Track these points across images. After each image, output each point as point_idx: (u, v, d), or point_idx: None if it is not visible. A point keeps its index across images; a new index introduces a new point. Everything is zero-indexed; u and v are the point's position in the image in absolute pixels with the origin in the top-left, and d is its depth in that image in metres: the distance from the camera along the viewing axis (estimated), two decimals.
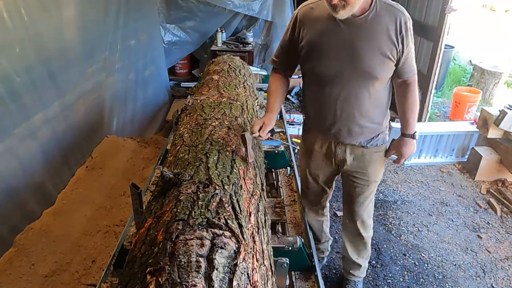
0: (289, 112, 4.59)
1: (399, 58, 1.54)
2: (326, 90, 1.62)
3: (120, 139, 3.16)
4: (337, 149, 1.76)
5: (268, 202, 1.91)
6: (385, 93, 1.66)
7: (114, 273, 1.49)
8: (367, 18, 1.48)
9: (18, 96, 2.12)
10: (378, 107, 1.66)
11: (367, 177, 1.81)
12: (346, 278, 2.25)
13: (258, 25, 5.37)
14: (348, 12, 1.41)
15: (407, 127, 1.74)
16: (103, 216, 2.31)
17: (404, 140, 1.76)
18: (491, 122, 3.32)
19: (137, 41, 3.74)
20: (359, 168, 1.79)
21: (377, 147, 1.75)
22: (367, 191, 1.87)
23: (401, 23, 1.48)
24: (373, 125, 1.68)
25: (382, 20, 1.48)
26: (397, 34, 1.49)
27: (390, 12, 1.49)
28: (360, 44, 1.50)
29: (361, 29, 1.49)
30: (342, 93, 1.59)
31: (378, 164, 1.81)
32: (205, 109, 1.81)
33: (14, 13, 2.05)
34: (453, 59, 6.43)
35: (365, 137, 1.70)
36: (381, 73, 1.55)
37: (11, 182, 2.10)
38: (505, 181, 3.40)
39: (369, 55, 1.50)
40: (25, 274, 1.85)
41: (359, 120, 1.65)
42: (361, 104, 1.61)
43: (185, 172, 1.22)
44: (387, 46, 1.50)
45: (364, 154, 1.75)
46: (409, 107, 1.69)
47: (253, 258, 0.97)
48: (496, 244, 2.77)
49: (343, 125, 1.66)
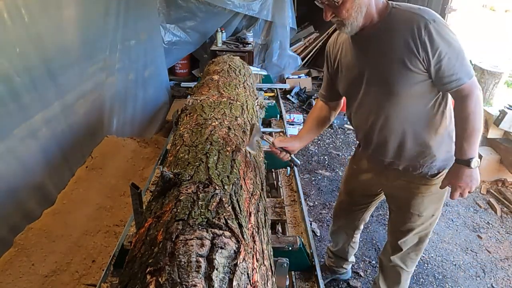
0: (289, 112, 4.59)
1: (427, 68, 1.30)
2: (354, 109, 1.55)
3: (120, 139, 3.16)
4: (383, 173, 1.62)
5: (268, 202, 1.91)
6: (432, 113, 1.41)
7: (114, 273, 1.49)
8: (376, 30, 1.35)
9: (18, 96, 2.12)
10: (423, 129, 1.44)
11: (412, 210, 1.60)
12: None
13: (258, 25, 5.37)
14: (351, 28, 1.33)
15: (460, 151, 1.39)
16: (103, 216, 2.31)
17: (456, 168, 1.41)
18: (491, 122, 3.33)
19: (137, 41, 3.74)
20: (402, 198, 1.62)
21: (427, 178, 1.52)
22: (411, 223, 1.64)
23: (419, 29, 1.26)
24: (418, 147, 1.47)
25: (395, 28, 1.32)
26: (416, 42, 1.27)
27: (407, 18, 1.31)
28: (374, 57, 1.38)
29: (372, 42, 1.37)
30: (370, 111, 1.48)
31: (426, 197, 1.56)
32: (205, 109, 1.81)
33: (14, 13, 2.05)
34: None
35: (410, 161, 1.50)
36: (404, 86, 1.35)
37: (11, 182, 2.10)
38: (505, 181, 3.40)
39: (385, 67, 1.36)
40: (25, 274, 1.85)
41: (397, 140, 1.48)
42: (393, 122, 1.44)
43: (185, 172, 1.22)
44: (406, 57, 1.30)
45: (409, 182, 1.55)
46: (461, 124, 1.37)
47: (253, 258, 0.97)
48: (496, 244, 2.77)
49: (377, 146, 1.54)
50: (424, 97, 1.38)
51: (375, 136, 1.51)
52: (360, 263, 2.55)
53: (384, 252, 1.89)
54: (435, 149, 1.46)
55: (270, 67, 5.36)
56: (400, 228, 1.69)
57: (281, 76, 5.55)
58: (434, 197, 1.56)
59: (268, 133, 2.69)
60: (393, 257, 1.79)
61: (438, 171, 1.50)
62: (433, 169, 1.50)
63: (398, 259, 1.78)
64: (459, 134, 1.39)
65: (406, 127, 1.44)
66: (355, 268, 2.50)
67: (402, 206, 1.64)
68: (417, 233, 1.67)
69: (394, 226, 1.75)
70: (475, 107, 1.32)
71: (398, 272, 1.82)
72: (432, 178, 1.51)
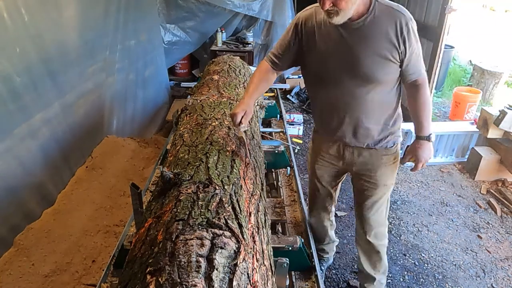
0: (289, 112, 4.59)
1: (402, 60, 1.51)
2: (328, 93, 1.64)
3: (120, 139, 3.16)
4: (346, 151, 1.75)
5: (268, 202, 1.91)
6: (391, 95, 1.63)
7: (114, 273, 1.48)
8: (364, 22, 1.47)
9: (18, 96, 2.12)
10: (384, 109, 1.64)
11: (375, 180, 1.78)
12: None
13: (258, 25, 5.36)
14: (342, 18, 1.42)
15: (421, 129, 1.68)
16: (103, 216, 2.31)
17: (419, 143, 1.69)
18: (491, 122, 3.32)
19: (137, 41, 3.74)
20: (367, 171, 1.77)
21: (386, 149, 1.72)
22: (375, 195, 1.82)
23: (401, 25, 1.45)
24: (379, 126, 1.67)
25: (381, 23, 1.47)
26: (397, 36, 1.46)
27: (390, 14, 1.47)
28: (358, 48, 1.49)
29: (359, 33, 1.48)
30: (346, 96, 1.60)
31: (387, 168, 1.76)
32: (205, 109, 1.81)
33: (14, 13, 2.05)
34: (453, 59, 6.43)
35: (372, 139, 1.68)
36: (381, 76, 1.53)
37: (11, 182, 2.10)
38: (505, 181, 3.40)
39: (367, 58, 1.50)
40: (25, 274, 1.85)
41: (364, 123, 1.63)
42: (365, 107, 1.60)
43: (185, 172, 1.22)
44: (387, 49, 1.48)
45: (372, 156, 1.73)
46: (420, 108, 1.64)
47: (253, 258, 0.97)
48: (496, 244, 2.77)
49: (348, 127, 1.66)
50: (392, 84, 1.60)
51: (346, 119, 1.65)
52: None
53: (359, 237, 2.00)
54: (392, 126, 1.70)
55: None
56: (368, 204, 1.85)
57: (281, 76, 5.55)
58: (393, 166, 1.79)
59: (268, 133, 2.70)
60: (369, 238, 1.92)
61: (394, 144, 1.75)
62: (390, 143, 1.73)
63: (373, 238, 1.92)
64: (420, 115, 1.66)
65: (376, 110, 1.62)
66: (355, 268, 2.50)
67: (368, 180, 1.79)
68: (382, 204, 1.87)
69: (362, 206, 1.88)
70: (428, 94, 1.64)
71: (377, 250, 1.96)
72: (391, 149, 1.74)
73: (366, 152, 1.72)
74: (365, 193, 1.83)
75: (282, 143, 2.30)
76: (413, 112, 1.68)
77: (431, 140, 1.68)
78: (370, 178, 1.78)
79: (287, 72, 5.54)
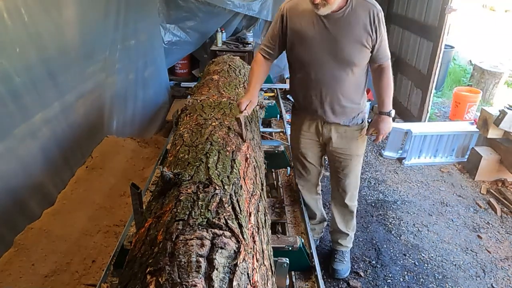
0: (289, 112, 4.58)
1: (373, 45, 1.76)
2: (312, 75, 1.84)
3: (120, 139, 3.16)
4: (324, 128, 2.00)
5: (268, 202, 1.91)
6: (363, 77, 1.89)
7: (114, 273, 1.49)
8: (344, 13, 1.69)
9: (18, 96, 2.12)
10: (357, 89, 1.90)
11: (350, 152, 2.04)
12: (335, 250, 2.46)
13: (258, 25, 5.36)
14: (327, 10, 1.63)
15: (383, 106, 1.95)
16: (103, 216, 2.30)
17: (381, 118, 1.97)
18: (491, 122, 3.32)
19: (137, 41, 3.74)
20: (342, 145, 2.02)
21: (358, 125, 1.99)
22: (351, 164, 2.08)
23: (374, 15, 1.70)
24: (353, 105, 1.92)
25: (357, 14, 1.70)
26: (371, 25, 1.70)
27: (364, 6, 1.70)
28: (339, 35, 1.72)
29: (340, 23, 1.70)
30: (326, 78, 1.82)
31: (359, 141, 2.04)
32: (205, 109, 1.81)
33: (14, 13, 2.05)
34: (453, 59, 6.43)
35: (347, 116, 1.94)
36: (359, 60, 1.78)
37: (11, 182, 2.10)
38: (505, 181, 3.40)
39: (347, 44, 1.73)
40: (25, 274, 1.85)
41: (342, 102, 1.87)
42: (343, 87, 1.84)
43: (185, 172, 1.22)
44: (363, 36, 1.72)
45: (346, 132, 1.99)
46: (384, 88, 1.91)
47: (253, 258, 0.97)
48: (496, 244, 2.77)
49: (328, 106, 1.89)
50: (364, 67, 1.85)
51: (327, 99, 1.87)
52: (360, 263, 2.55)
53: (336, 202, 2.29)
54: (361, 104, 1.96)
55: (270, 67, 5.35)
56: (345, 173, 2.11)
57: (281, 76, 5.55)
58: (362, 139, 2.06)
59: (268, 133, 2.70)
60: (346, 201, 2.22)
61: (363, 120, 2.01)
62: (359, 119, 1.98)
63: (349, 200, 2.22)
64: (383, 94, 1.92)
65: (351, 89, 1.86)
66: (355, 268, 2.50)
67: (344, 153, 2.05)
68: (357, 170, 2.14)
69: (339, 174, 2.14)
70: (391, 76, 1.90)
71: (350, 210, 2.28)
72: (361, 124, 2.01)
73: (341, 129, 1.98)
74: (342, 164, 2.09)
75: (282, 143, 2.30)
76: (377, 91, 1.96)
77: (391, 116, 1.97)
78: (345, 150, 2.04)
79: (287, 72, 5.54)
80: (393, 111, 1.98)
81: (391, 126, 2.02)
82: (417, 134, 3.62)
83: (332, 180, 2.26)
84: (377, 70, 1.90)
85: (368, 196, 3.27)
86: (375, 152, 4.00)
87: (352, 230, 2.40)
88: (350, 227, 2.36)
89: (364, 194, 3.29)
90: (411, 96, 4.56)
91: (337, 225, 2.33)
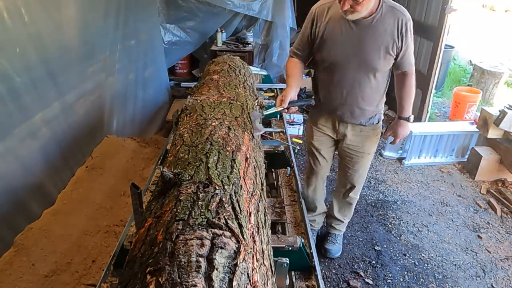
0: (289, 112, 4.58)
1: (398, 53, 1.82)
2: (335, 77, 1.92)
3: (120, 139, 3.16)
4: (340, 126, 2.09)
5: (268, 202, 1.91)
6: (384, 82, 1.95)
7: (114, 273, 1.48)
8: (373, 20, 1.75)
9: (18, 96, 2.11)
10: (377, 93, 1.97)
11: (363, 150, 2.14)
12: (329, 232, 2.63)
13: (258, 25, 5.36)
14: (356, 16, 1.70)
15: (403, 111, 2.04)
16: (103, 216, 2.30)
17: (400, 123, 2.08)
18: (491, 122, 3.33)
19: (137, 41, 3.74)
20: (356, 142, 2.11)
21: (373, 125, 2.08)
22: (362, 161, 2.19)
23: (402, 24, 1.75)
24: (372, 108, 1.99)
25: (386, 21, 1.75)
26: (398, 33, 1.76)
27: (393, 13, 1.75)
28: (366, 41, 1.78)
29: (368, 29, 1.77)
30: (349, 80, 1.90)
31: (372, 140, 2.13)
32: (205, 109, 1.81)
33: (14, 13, 2.05)
34: (453, 59, 6.43)
35: (365, 117, 2.01)
36: (382, 66, 1.84)
37: (11, 182, 2.10)
38: (505, 181, 3.40)
39: (373, 50, 1.79)
40: (25, 274, 1.85)
41: (361, 104, 1.95)
42: (364, 90, 1.91)
43: (185, 172, 1.22)
44: (389, 44, 1.78)
45: (362, 131, 2.08)
46: (405, 94, 1.99)
47: (253, 258, 0.97)
48: (496, 244, 2.77)
49: (347, 107, 1.98)
50: (387, 72, 1.92)
51: (347, 101, 1.95)
52: (360, 263, 2.56)
53: (339, 194, 2.41)
54: (380, 106, 2.05)
55: (270, 67, 5.36)
56: (355, 168, 2.22)
57: (281, 76, 5.54)
58: (376, 138, 2.14)
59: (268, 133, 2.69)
60: (351, 194, 2.34)
61: (379, 121, 2.09)
62: (376, 120, 2.07)
63: (354, 193, 2.35)
64: (404, 100, 2.00)
65: (371, 93, 1.94)
66: (355, 268, 2.50)
67: (356, 150, 2.14)
68: (366, 167, 2.26)
69: (349, 170, 2.25)
70: (413, 82, 1.97)
71: (350, 202, 2.42)
72: (376, 125, 2.09)
73: (357, 128, 2.07)
74: (353, 160, 2.20)
75: (282, 143, 2.30)
76: (399, 96, 2.03)
77: (409, 121, 2.06)
78: (358, 148, 2.13)
79: None
80: (412, 116, 2.06)
81: (408, 130, 2.11)
82: (417, 134, 3.62)
83: (340, 175, 2.36)
84: (400, 76, 1.95)
85: (368, 196, 3.27)
86: (375, 152, 4.00)
87: (348, 218, 2.55)
88: (347, 216, 2.52)
89: (364, 194, 3.29)
90: None
91: (334, 213, 2.49)
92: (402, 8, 1.78)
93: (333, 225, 2.57)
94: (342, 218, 2.51)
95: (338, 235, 2.61)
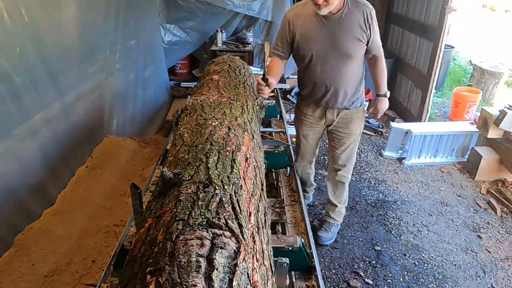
0: (289, 112, 4.59)
1: (368, 39, 2.08)
2: (318, 70, 2.17)
3: (120, 139, 3.16)
4: (327, 112, 2.32)
5: (268, 202, 1.91)
6: (360, 68, 2.22)
7: (114, 273, 1.48)
8: (342, 14, 2.01)
9: (18, 96, 2.11)
10: (356, 78, 2.22)
11: (349, 131, 2.36)
12: (324, 220, 2.77)
13: (258, 25, 5.36)
14: (328, 9, 1.93)
15: (380, 89, 2.34)
16: (103, 216, 2.30)
17: (379, 99, 2.37)
18: (491, 122, 3.32)
19: (137, 41, 3.74)
20: (343, 125, 2.35)
21: (357, 108, 2.32)
22: (349, 141, 2.40)
23: (367, 14, 2.02)
24: (353, 90, 2.24)
25: (353, 14, 2.01)
26: (365, 22, 2.02)
27: (358, 7, 2.02)
28: (339, 33, 2.05)
29: (339, 23, 2.02)
30: (331, 68, 2.14)
31: (357, 121, 2.36)
32: (205, 109, 1.81)
33: (14, 13, 2.05)
34: (453, 59, 6.43)
35: (348, 100, 2.25)
36: (356, 53, 2.10)
37: (11, 182, 2.10)
38: (505, 181, 3.40)
39: (346, 41, 2.05)
40: (25, 274, 1.85)
41: (344, 87, 2.19)
42: (344, 77, 2.16)
43: (185, 172, 1.22)
44: (359, 33, 2.04)
45: (347, 114, 2.31)
46: (379, 74, 2.29)
47: (253, 258, 0.97)
48: (496, 244, 2.77)
49: (332, 94, 2.22)
50: (361, 58, 2.18)
51: (331, 88, 2.20)
52: (360, 263, 2.56)
53: (332, 175, 2.59)
54: (360, 90, 2.29)
55: None
56: (343, 148, 2.42)
57: (282, 76, 5.54)
58: (360, 119, 2.38)
59: (268, 133, 2.70)
60: (342, 173, 2.51)
61: (361, 104, 2.34)
62: (359, 103, 2.32)
63: (345, 172, 2.52)
64: (378, 79, 2.31)
65: (351, 78, 2.20)
66: (355, 268, 2.50)
67: (343, 131, 2.37)
68: (354, 145, 2.45)
69: (338, 150, 2.44)
70: (384, 63, 2.27)
71: (343, 182, 2.57)
72: (359, 107, 2.34)
73: (343, 112, 2.30)
74: (341, 141, 2.41)
75: (282, 143, 2.31)
76: (373, 77, 2.33)
77: (386, 96, 2.36)
78: (345, 130, 2.36)
79: (287, 73, 5.54)
80: (388, 92, 2.35)
81: (387, 105, 2.40)
82: (417, 134, 3.62)
83: (331, 156, 2.57)
84: (371, 59, 2.26)
85: (368, 196, 3.27)
86: (375, 152, 4.00)
87: (344, 203, 2.68)
88: (341, 199, 2.64)
89: (364, 194, 3.29)
90: (411, 96, 4.56)
91: (329, 196, 2.65)
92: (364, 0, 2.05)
93: (329, 212, 2.70)
94: (337, 201, 2.63)
95: (332, 224, 2.71)
